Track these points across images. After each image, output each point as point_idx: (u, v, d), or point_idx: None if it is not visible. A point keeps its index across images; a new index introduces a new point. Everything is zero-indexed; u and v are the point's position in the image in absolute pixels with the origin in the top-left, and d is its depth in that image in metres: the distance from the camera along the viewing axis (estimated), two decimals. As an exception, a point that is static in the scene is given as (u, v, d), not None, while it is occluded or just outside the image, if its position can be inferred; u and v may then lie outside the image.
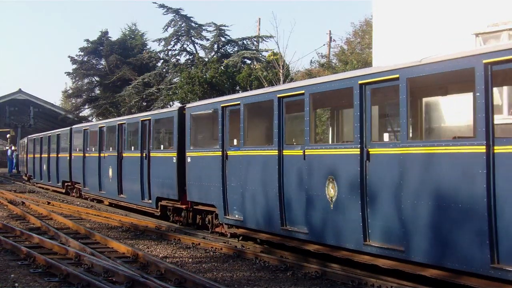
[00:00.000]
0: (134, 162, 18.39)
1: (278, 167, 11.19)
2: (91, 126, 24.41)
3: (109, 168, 20.74)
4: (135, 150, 18.71)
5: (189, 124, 14.98)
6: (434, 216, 8.01)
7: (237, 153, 12.66)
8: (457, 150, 7.75)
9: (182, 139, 15.31)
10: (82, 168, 24.06)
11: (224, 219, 13.16)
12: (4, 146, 67.57)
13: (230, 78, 28.46)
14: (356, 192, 9.32)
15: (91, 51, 43.86)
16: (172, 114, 16.42)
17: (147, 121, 17.90)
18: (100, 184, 21.90)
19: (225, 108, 13.18)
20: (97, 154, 22.24)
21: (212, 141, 14.63)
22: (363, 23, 39.34)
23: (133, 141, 19.42)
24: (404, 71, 8.55)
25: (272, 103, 11.49)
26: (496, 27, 13.64)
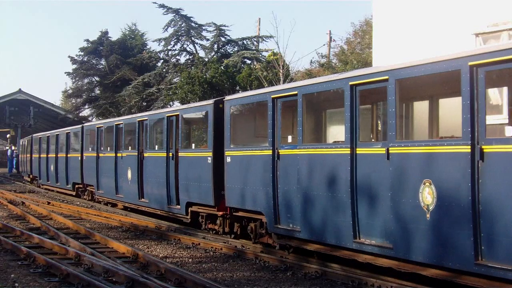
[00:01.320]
0: (159, 163, 16.50)
1: (351, 168, 9.44)
2: (105, 124, 22.28)
3: (128, 170, 18.92)
4: (159, 150, 16.85)
5: (228, 119, 13.15)
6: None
7: (292, 152, 11.01)
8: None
9: (219, 136, 13.51)
10: (95, 169, 22.15)
11: (274, 229, 11.42)
12: (4, 146, 67.58)
13: (230, 78, 28.46)
14: (464, 200, 7.59)
15: (91, 51, 43.83)
16: (206, 108, 14.44)
17: (173, 117, 15.99)
18: (116, 187, 20.07)
19: (276, 99, 11.50)
20: (113, 154, 20.38)
21: (257, 138, 13.24)
22: (363, 23, 39.36)
23: (157, 139, 17.65)
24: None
25: (341, 92, 9.79)
26: (496, 27, 13.64)
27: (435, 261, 8.02)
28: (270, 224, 11.57)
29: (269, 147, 11.57)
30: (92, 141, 23.42)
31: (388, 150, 8.78)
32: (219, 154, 13.43)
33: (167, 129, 16.21)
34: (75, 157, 25.25)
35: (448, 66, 7.99)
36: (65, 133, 27.38)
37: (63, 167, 27.18)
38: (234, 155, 12.91)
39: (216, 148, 13.60)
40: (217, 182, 13.52)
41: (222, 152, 13.27)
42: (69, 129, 27.58)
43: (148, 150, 17.59)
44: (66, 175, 26.77)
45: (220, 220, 13.82)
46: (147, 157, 17.57)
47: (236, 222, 13.31)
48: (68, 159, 26.62)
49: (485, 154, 7.42)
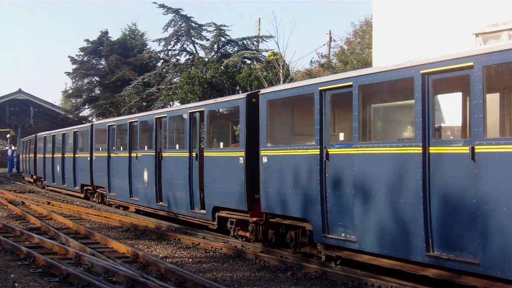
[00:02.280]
0: (180, 164, 15.12)
1: (423, 170, 8.28)
2: (118, 122, 20.92)
3: (144, 171, 17.53)
4: (181, 149, 15.46)
5: (265, 114, 11.83)
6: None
7: (346, 151, 9.74)
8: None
9: (252, 134, 12.22)
10: (106, 170, 20.83)
11: (322, 238, 10.14)
12: (4, 146, 67.57)
13: (230, 78, 28.45)
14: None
15: (91, 51, 43.83)
16: (237, 103, 13.13)
17: (197, 113, 14.70)
18: (131, 189, 18.73)
19: (324, 92, 10.21)
20: (126, 154, 19.04)
21: (296, 136, 12.21)
22: (363, 23, 39.36)
23: (178, 138, 16.39)
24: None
25: (410, 82, 8.55)
26: (496, 27, 13.66)
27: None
28: (317, 233, 10.24)
29: (315, 146, 10.26)
30: (102, 140, 22.07)
31: (474, 149, 7.53)
32: (253, 153, 12.16)
33: (190, 127, 14.79)
34: (84, 158, 23.91)
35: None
36: (73, 132, 25.98)
37: (70, 168, 25.83)
38: (272, 155, 11.60)
39: (249, 147, 12.30)
40: (251, 185, 12.21)
41: (256, 152, 12.01)
42: (77, 128, 26.32)
43: (167, 150, 16.22)
44: (73, 176, 25.43)
45: (253, 226, 12.43)
46: (166, 157, 16.21)
47: (271, 229, 12.08)
48: (75, 160, 25.25)
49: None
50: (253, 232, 12.45)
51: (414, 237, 8.38)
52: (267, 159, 11.71)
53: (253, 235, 12.46)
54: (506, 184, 7.14)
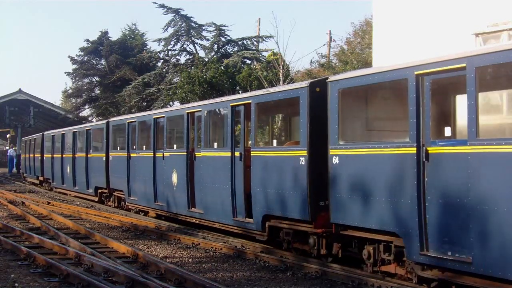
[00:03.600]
0: (220, 165, 13.31)
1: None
2: (139, 118, 18.74)
3: (173, 173, 15.63)
4: (220, 148, 13.65)
5: (336, 106, 9.89)
6: None
7: (456, 150, 7.91)
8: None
9: (317, 130, 10.37)
10: (126, 171, 18.90)
11: (420, 257, 8.31)
12: (4, 146, 67.58)
13: (230, 78, 28.46)
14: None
15: (91, 51, 43.86)
16: (296, 93, 11.01)
17: (242, 106, 12.76)
18: (155, 193, 16.80)
19: (423, 77, 8.46)
20: (151, 154, 17.00)
21: (370, 132, 10.48)
22: (363, 23, 39.34)
23: (217, 135, 14.45)
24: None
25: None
26: (496, 27, 13.67)
27: None
28: (411, 250, 8.44)
29: (410, 143, 8.51)
30: (120, 139, 20.46)
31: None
32: (317, 153, 10.36)
33: (232, 122, 12.97)
34: (98, 158, 21.86)
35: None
36: (85, 130, 23.88)
37: (82, 169, 23.81)
38: (345, 155, 9.71)
39: (313, 145, 10.43)
40: (315, 190, 10.40)
41: (321, 151, 10.21)
42: (90, 125, 24.57)
43: (202, 149, 14.28)
44: (86, 178, 23.39)
45: (314, 239, 10.65)
46: (201, 157, 14.21)
47: (337, 243, 10.26)
48: (88, 160, 23.19)
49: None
50: (315, 245, 10.64)
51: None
52: (338, 159, 9.83)
53: (315, 249, 10.64)
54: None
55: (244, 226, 12.61)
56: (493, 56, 7.47)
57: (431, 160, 8.24)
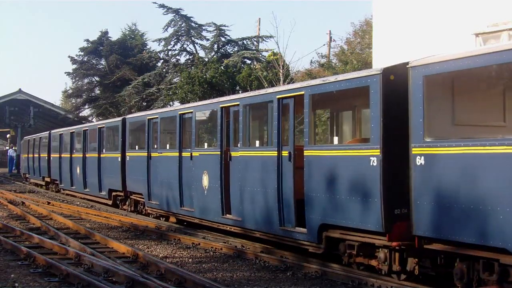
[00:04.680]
0: (263, 166, 11.82)
1: None
2: (162, 114, 17.08)
3: (203, 175, 14.01)
4: (264, 147, 12.42)
5: (420, 96, 8.38)
6: None
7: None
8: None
9: (392, 125, 8.95)
10: (146, 173, 17.26)
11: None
12: (4, 146, 67.60)
13: (230, 78, 28.47)
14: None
15: (91, 51, 43.88)
16: (365, 81, 9.41)
17: (290, 99, 11.17)
18: (182, 197, 15.23)
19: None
20: (176, 154, 15.42)
21: (467, 128, 8.89)
22: (363, 23, 39.34)
23: (257, 132, 13.41)
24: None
25: None
26: (496, 27, 13.68)
27: None
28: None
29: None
30: (138, 137, 19.11)
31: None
32: (393, 151, 8.97)
33: (279, 117, 11.43)
34: (113, 158, 20.26)
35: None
36: (97, 128, 22.38)
37: (94, 170, 22.23)
38: (434, 154, 8.21)
39: (388, 142, 8.98)
40: (390, 196, 8.94)
41: (398, 149, 8.86)
42: (103, 123, 22.74)
43: (240, 148, 12.66)
44: (99, 180, 21.80)
45: (385, 253, 9.14)
46: (239, 157, 12.65)
47: (414, 258, 8.91)
48: (101, 160, 21.61)
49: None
50: (386, 260, 9.14)
51: None
52: (424, 159, 8.32)
53: (386, 265, 9.14)
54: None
55: (293, 237, 10.98)
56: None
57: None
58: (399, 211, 8.88)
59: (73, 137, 25.66)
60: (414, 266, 8.88)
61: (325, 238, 10.25)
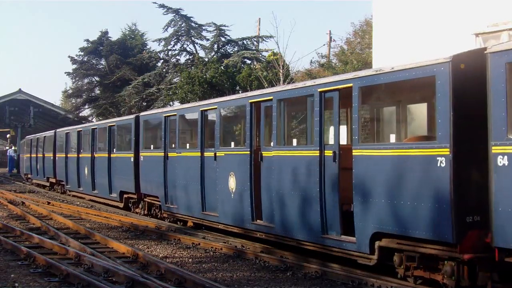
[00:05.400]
0: (301, 167, 10.68)
1: None
2: (181, 111, 15.77)
3: (229, 176, 12.87)
4: (301, 146, 11.34)
5: (503, 86, 7.39)
6: None
7: None
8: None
9: (462, 120, 7.92)
10: (162, 174, 16.08)
11: None
12: (4, 146, 67.61)
13: (230, 78, 28.47)
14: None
15: (91, 51, 43.90)
16: (430, 71, 8.29)
17: (335, 92, 9.99)
18: (204, 201, 14.04)
19: None
20: (197, 154, 14.21)
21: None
22: (363, 23, 39.34)
23: (294, 130, 12.44)
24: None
25: None
26: (496, 27, 13.67)
27: None
28: None
29: None
30: (154, 136, 18.02)
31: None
32: (465, 151, 7.95)
33: (321, 113, 10.25)
34: (125, 158, 19.19)
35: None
36: (107, 126, 21.31)
37: (103, 171, 21.16)
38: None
39: (459, 140, 7.93)
40: (461, 201, 7.90)
41: (470, 148, 7.94)
42: (114, 121, 21.57)
43: (272, 147, 11.55)
44: (109, 181, 20.69)
45: (452, 266, 8.11)
46: (272, 157, 11.49)
47: (483, 271, 7.93)
48: (111, 161, 20.56)
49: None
50: (452, 275, 8.10)
51: None
52: (508, 159, 7.26)
53: (453, 279, 8.11)
54: None
55: (339, 246, 9.88)
56: None
57: None
58: (471, 218, 7.85)
59: (80, 136, 24.60)
60: (487, 281, 7.87)
61: (378, 248, 9.12)
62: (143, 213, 18.46)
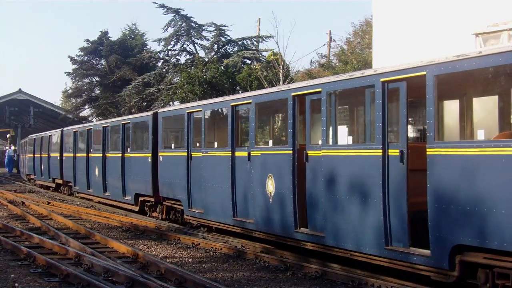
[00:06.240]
0: (358, 169, 9.36)
1: None
2: (206, 106, 14.33)
3: (267, 179, 11.52)
4: (358, 145, 10.02)
5: None
6: None
7: None
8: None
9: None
10: (185, 176, 14.70)
11: None
12: (4, 146, 67.64)
13: (230, 78, 28.48)
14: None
15: (91, 51, 43.90)
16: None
17: (400, 82, 8.69)
18: (234, 206, 12.77)
19: None
20: (228, 153, 12.92)
21: None
22: (363, 23, 39.33)
23: (348, 126, 10.67)
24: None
25: None
26: (496, 27, 13.67)
27: None
28: None
29: None
30: (175, 134, 17.11)
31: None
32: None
33: (384, 107, 8.94)
34: (141, 158, 17.89)
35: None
36: (121, 124, 19.89)
37: (116, 172, 19.87)
38: None
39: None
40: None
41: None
42: (128, 118, 20.16)
43: (321, 146, 10.18)
44: (122, 183, 19.36)
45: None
46: (320, 158, 10.18)
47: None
48: (125, 161, 19.27)
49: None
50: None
51: None
52: None
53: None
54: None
55: (408, 260, 8.55)
56: None
57: None
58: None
59: (90, 134, 23.15)
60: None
61: (459, 263, 7.83)
62: (161, 218, 17.15)
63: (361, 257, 9.45)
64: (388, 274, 9.14)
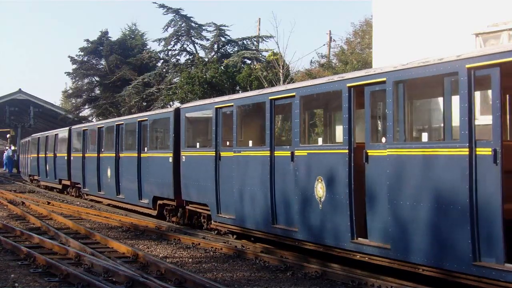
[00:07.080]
0: (431, 169, 8.08)
1: None
2: (238, 101, 12.91)
3: (316, 182, 10.24)
4: (435, 143, 8.93)
5: None
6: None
7: None
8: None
9: None
10: (213, 178, 13.30)
11: None
12: (4, 146, 67.66)
13: (230, 78, 28.47)
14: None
15: (91, 51, 43.88)
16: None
17: (493, 68, 7.35)
18: (274, 211, 11.46)
19: None
20: (264, 153, 11.58)
21: None
22: (363, 23, 39.31)
23: (422, 121, 9.80)
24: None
25: None
26: (496, 27, 13.67)
27: None
28: None
29: None
30: (199, 131, 15.80)
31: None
32: None
33: (469, 98, 7.61)
34: (161, 158, 16.47)
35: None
36: (137, 121, 18.37)
37: (132, 173, 18.45)
38: None
39: None
40: None
41: None
42: (145, 115, 18.60)
43: (387, 144, 8.82)
44: (138, 185, 18.00)
45: None
46: (383, 158, 8.90)
47: None
48: (142, 161, 17.84)
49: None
50: None
51: None
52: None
53: None
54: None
55: (503, 279, 7.15)
56: None
57: None
58: None
59: (101, 133, 21.81)
60: None
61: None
62: (182, 223, 15.83)
63: (439, 273, 8.08)
64: (388, 274, 9.14)
